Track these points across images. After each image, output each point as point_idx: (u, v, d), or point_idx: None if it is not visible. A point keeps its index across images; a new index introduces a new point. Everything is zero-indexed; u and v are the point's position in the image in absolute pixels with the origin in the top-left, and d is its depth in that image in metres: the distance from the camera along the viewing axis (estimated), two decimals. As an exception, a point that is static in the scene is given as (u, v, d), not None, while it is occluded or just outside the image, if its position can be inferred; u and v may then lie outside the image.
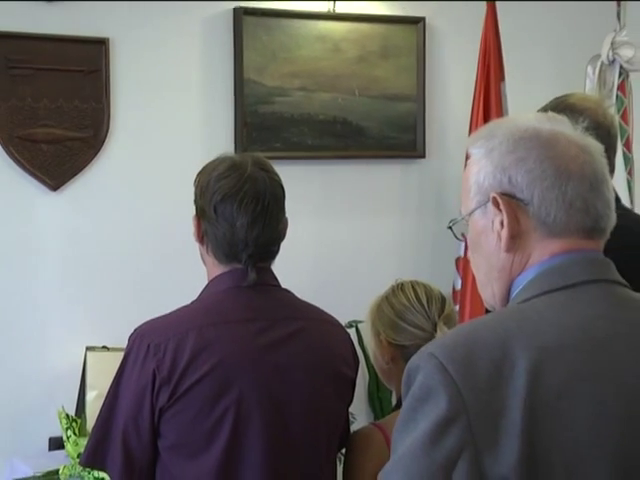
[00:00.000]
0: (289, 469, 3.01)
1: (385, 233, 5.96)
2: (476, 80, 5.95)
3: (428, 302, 3.27)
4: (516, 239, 2.04)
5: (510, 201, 2.03)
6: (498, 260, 2.07)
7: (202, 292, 3.13)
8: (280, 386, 3.01)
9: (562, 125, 2.11)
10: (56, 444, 5.11)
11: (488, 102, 5.87)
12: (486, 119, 5.50)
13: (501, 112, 5.65)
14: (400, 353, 3.15)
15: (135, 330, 3.06)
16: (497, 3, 5.89)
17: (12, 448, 5.15)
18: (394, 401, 4.18)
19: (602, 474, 1.83)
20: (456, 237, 2.20)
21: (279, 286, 3.14)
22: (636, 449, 1.87)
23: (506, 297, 2.09)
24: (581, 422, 1.85)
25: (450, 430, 1.80)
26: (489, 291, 2.14)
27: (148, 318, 3.08)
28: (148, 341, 2.98)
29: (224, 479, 2.97)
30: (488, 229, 2.07)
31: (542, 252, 2.03)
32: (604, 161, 2.11)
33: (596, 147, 2.10)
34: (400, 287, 3.35)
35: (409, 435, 1.85)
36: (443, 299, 3.36)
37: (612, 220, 2.08)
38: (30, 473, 4.99)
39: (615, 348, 1.94)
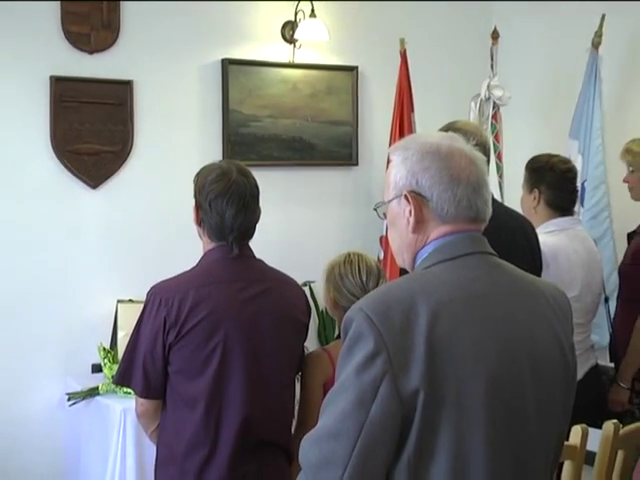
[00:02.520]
0: (261, 386, 3.01)
1: (330, 219, 5.94)
2: (394, 111, 5.96)
3: (367, 278, 3.22)
4: (420, 224, 2.03)
5: (417, 197, 2.02)
6: (407, 237, 2.06)
7: (199, 261, 3.11)
8: (254, 328, 3.01)
9: (458, 142, 2.09)
10: (96, 368, 5.09)
11: (402, 126, 5.87)
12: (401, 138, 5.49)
13: (411, 133, 5.66)
14: (342, 308, 3.15)
15: (151, 288, 3.06)
16: (408, 55, 5.90)
17: (66, 371, 5.14)
18: (336, 332, 4.18)
19: (481, 386, 1.87)
20: (379, 216, 2.19)
21: (254, 257, 3.13)
22: (503, 370, 1.91)
23: (412, 263, 2.07)
24: (465, 352, 1.87)
25: (375, 361, 1.83)
26: (401, 258, 2.13)
27: (160, 279, 3.08)
28: (160, 296, 2.99)
29: (214, 394, 2.97)
30: (401, 215, 2.06)
31: (438, 233, 2.02)
32: (485, 169, 2.10)
33: (481, 159, 2.09)
34: (349, 261, 3.29)
35: (348, 365, 1.87)
36: (379, 275, 3.30)
37: (489, 212, 2.08)
38: (79, 388, 5.00)
39: (490, 301, 1.97)
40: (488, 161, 3.70)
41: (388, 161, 2.14)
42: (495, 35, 6.10)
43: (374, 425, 1.82)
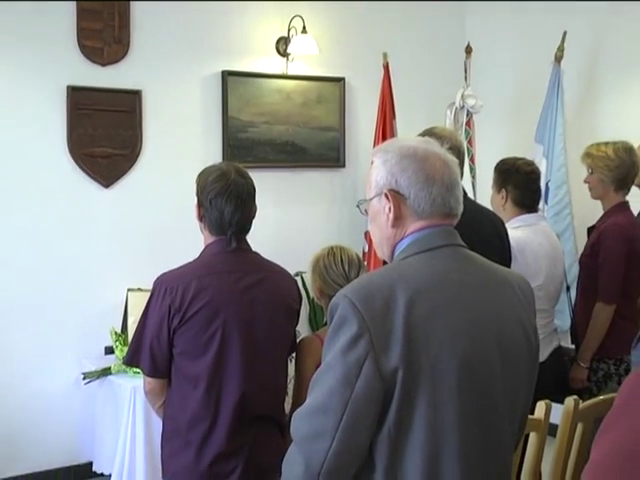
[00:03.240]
0: (257, 367, 3.00)
1: (319, 215, 5.95)
2: (377, 117, 5.98)
3: (349, 268, 3.21)
4: (398, 219, 2.03)
5: (395, 195, 2.02)
6: (386, 231, 2.06)
7: (200, 253, 3.10)
8: (251, 314, 3.01)
9: (433, 146, 2.09)
10: (109, 350, 5.12)
11: (385, 132, 5.88)
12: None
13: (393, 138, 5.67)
14: (327, 296, 3.16)
15: (157, 278, 3.04)
16: (390, 67, 5.91)
17: (81, 352, 5.16)
18: (325, 318, 4.19)
19: (453, 364, 1.88)
20: (361, 212, 2.19)
21: (250, 250, 3.12)
22: (474, 350, 1.91)
23: (391, 255, 2.07)
24: (440, 334, 1.88)
25: (359, 343, 1.83)
26: (381, 250, 2.13)
27: (166, 270, 3.07)
28: (165, 285, 2.98)
29: (215, 373, 2.97)
30: (381, 211, 2.06)
31: (414, 227, 2.02)
32: (458, 171, 2.10)
33: (454, 162, 2.09)
34: (332, 254, 3.29)
35: (333, 347, 1.88)
36: (360, 265, 3.30)
37: (460, 208, 2.08)
38: (93, 369, 5.02)
39: (461, 288, 1.97)
40: (463, 163, 3.71)
41: (372, 162, 2.14)
42: (469, 50, 6.12)
43: (358, 400, 1.83)
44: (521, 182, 4.11)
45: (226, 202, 3.00)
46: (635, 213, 4.40)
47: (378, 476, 1.89)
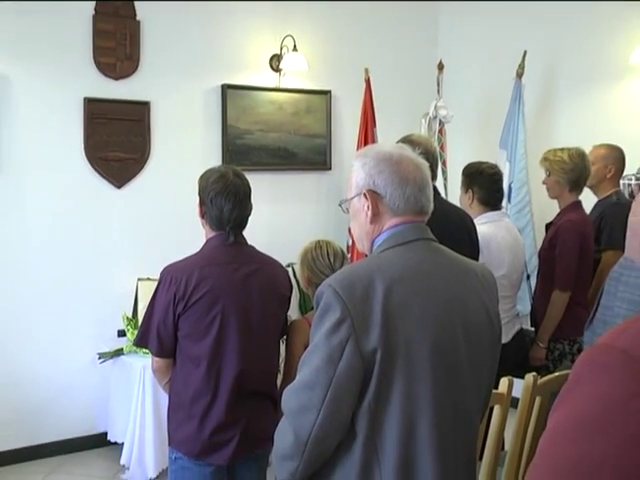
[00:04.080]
0: (252, 348, 2.99)
1: (308, 213, 5.94)
2: (359, 126, 5.96)
3: (334, 260, 3.21)
4: (376, 216, 2.03)
5: (373, 195, 2.02)
6: (366, 227, 2.06)
7: (202, 247, 3.09)
8: (247, 301, 3.00)
9: (407, 151, 2.09)
10: (121, 333, 5.12)
11: (366, 139, 5.86)
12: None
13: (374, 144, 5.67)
14: (314, 284, 3.15)
15: (164, 269, 3.02)
16: (371, 81, 5.91)
17: (97, 336, 5.15)
18: (312, 305, 4.19)
19: (426, 344, 1.88)
20: (343, 210, 2.20)
21: (247, 243, 3.10)
22: (443, 331, 1.92)
23: (370, 248, 2.07)
24: (413, 317, 1.89)
25: (342, 326, 1.84)
26: (361, 244, 2.12)
27: (171, 261, 3.06)
28: (171, 275, 2.97)
29: (215, 354, 2.96)
30: (361, 209, 2.06)
31: (390, 223, 2.03)
32: (429, 173, 2.09)
33: (425, 165, 2.09)
34: (319, 247, 3.30)
35: (319, 331, 1.89)
36: (343, 257, 3.30)
37: (431, 207, 2.08)
38: (107, 349, 5.04)
39: (432, 277, 1.98)
40: (436, 166, 3.71)
41: (353, 165, 2.14)
42: (441, 66, 6.13)
43: (341, 378, 1.84)
44: (485, 183, 4.12)
45: (225, 201, 2.99)
46: (587, 211, 4.42)
47: (359, 444, 1.90)
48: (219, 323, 2.97)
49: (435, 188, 3.53)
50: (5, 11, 4.79)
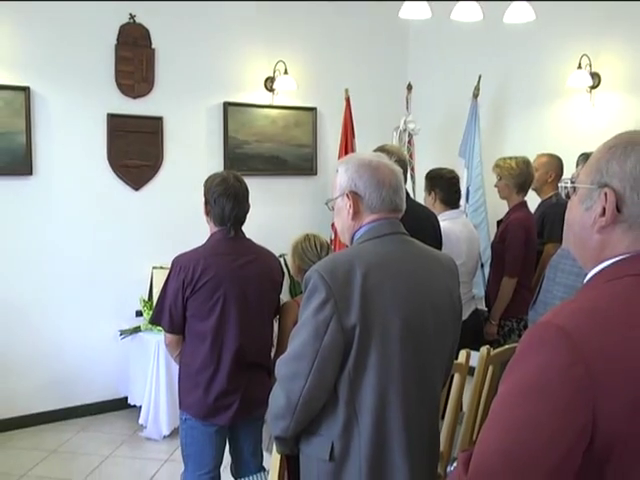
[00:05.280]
0: (249, 325, 2.98)
1: (297, 211, 5.90)
2: (341, 137, 5.95)
3: (321, 249, 3.21)
4: (356, 214, 2.03)
5: (354, 195, 2.02)
6: (347, 223, 2.06)
7: (207, 240, 3.08)
8: (244, 286, 2.99)
9: (383, 159, 2.09)
10: (139, 314, 5.10)
11: (347, 148, 5.84)
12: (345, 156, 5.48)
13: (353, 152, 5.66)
14: (303, 271, 3.14)
15: (174, 258, 3.02)
16: (351, 100, 5.90)
17: (117, 316, 5.14)
18: (301, 289, 4.18)
19: (397, 321, 1.89)
20: (329, 208, 2.19)
21: (245, 237, 3.09)
22: (412, 310, 1.93)
23: (351, 241, 2.07)
24: (387, 298, 1.89)
25: (326, 306, 1.85)
26: (343, 237, 2.12)
27: (180, 252, 3.05)
28: (180, 264, 2.97)
29: (217, 331, 2.96)
30: (344, 207, 2.05)
31: (368, 220, 2.03)
32: (402, 178, 2.10)
33: (399, 170, 2.09)
34: (308, 240, 3.28)
35: (307, 310, 1.89)
36: (328, 248, 3.30)
37: (404, 205, 2.09)
38: (127, 327, 5.03)
39: (403, 264, 1.98)
40: (406, 172, 3.72)
41: (336, 170, 2.14)
42: (410, 87, 6.13)
43: (325, 350, 1.85)
44: (445, 186, 4.12)
45: (226, 201, 2.98)
46: (532, 210, 4.44)
47: (341, 406, 1.91)
48: (221, 305, 2.96)
49: (405, 190, 3.55)
50: (43, 43, 4.80)
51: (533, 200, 4.56)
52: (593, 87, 5.22)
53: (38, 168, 4.84)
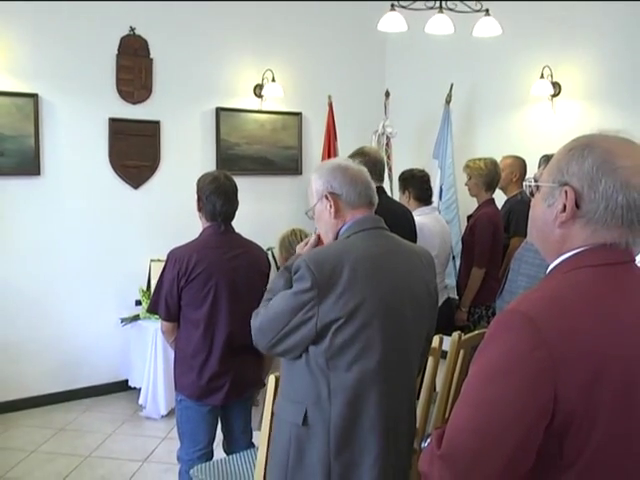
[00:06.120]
0: (239, 312, 2.92)
1: (283, 207, 5.84)
2: (324, 140, 5.93)
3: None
4: (338, 212, 2.03)
5: (333, 195, 2.02)
6: (330, 222, 2.05)
7: (199, 234, 3.06)
8: (234, 277, 2.98)
9: (349, 162, 2.11)
10: (138, 303, 5.07)
11: (330, 150, 5.83)
12: (329, 158, 5.47)
13: (336, 155, 5.65)
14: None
15: (170, 251, 3.00)
16: (333, 105, 5.88)
17: (118, 305, 5.10)
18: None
19: (379, 310, 1.89)
20: (309, 218, 2.18)
21: (234, 232, 3.08)
22: (392, 299, 1.93)
23: (336, 237, 2.05)
24: (370, 290, 1.89)
25: (308, 293, 1.86)
26: (327, 238, 2.10)
27: (175, 245, 3.04)
28: (175, 257, 2.96)
29: (210, 318, 2.95)
30: (324, 209, 2.05)
31: (350, 216, 2.03)
32: (368, 174, 2.11)
33: (365, 169, 2.10)
34: (294, 234, 3.29)
35: (292, 288, 1.91)
36: None
37: (377, 198, 2.10)
38: (127, 315, 4.99)
39: (384, 257, 1.98)
40: (383, 172, 3.70)
41: (310, 181, 2.13)
42: (387, 94, 6.10)
43: (295, 322, 1.88)
44: (417, 184, 4.13)
45: (217, 198, 2.97)
46: (499, 207, 4.45)
47: (318, 380, 1.91)
48: (213, 294, 2.95)
49: (383, 188, 3.54)
50: (50, 54, 4.77)
51: (500, 198, 4.58)
52: (554, 95, 5.26)
53: (46, 168, 4.82)
